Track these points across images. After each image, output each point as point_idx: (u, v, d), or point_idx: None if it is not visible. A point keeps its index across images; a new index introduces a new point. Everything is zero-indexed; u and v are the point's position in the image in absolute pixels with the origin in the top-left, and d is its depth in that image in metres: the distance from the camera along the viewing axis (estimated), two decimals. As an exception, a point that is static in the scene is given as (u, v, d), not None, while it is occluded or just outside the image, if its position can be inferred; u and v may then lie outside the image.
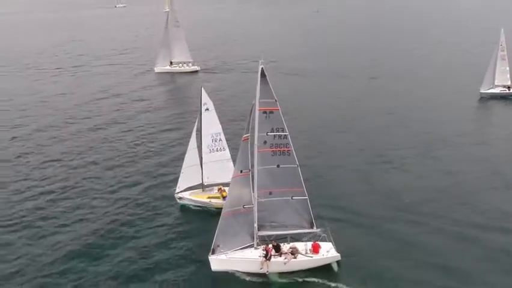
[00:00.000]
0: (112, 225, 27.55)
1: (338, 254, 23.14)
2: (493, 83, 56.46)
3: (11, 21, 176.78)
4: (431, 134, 43.89)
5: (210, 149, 29.44)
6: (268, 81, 21.81)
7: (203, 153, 29.41)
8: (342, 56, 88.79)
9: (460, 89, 60.42)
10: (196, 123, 29.05)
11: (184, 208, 29.63)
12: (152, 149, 40.66)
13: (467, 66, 74.54)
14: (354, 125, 47.25)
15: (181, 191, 29.92)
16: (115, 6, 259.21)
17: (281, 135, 22.58)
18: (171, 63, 75.03)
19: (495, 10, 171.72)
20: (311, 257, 22.82)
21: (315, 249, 23.05)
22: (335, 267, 23.12)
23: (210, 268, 22.86)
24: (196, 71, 74.56)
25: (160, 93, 64.13)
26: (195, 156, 29.43)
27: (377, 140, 42.59)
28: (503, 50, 55.60)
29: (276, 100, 22.13)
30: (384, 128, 46.21)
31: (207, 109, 28.39)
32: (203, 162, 29.57)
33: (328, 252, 23.22)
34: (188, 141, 29.81)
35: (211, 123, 28.75)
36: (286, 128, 22.54)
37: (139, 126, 47.39)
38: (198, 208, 29.44)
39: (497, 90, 56.54)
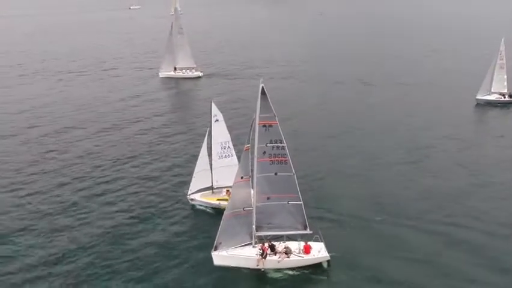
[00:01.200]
0: (128, 221, 30.74)
1: (327, 255, 25.59)
2: (490, 90, 58.49)
3: (23, 24, 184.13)
4: (423, 139, 46.26)
5: (219, 156, 32.27)
6: (268, 98, 24.42)
7: (213, 160, 32.21)
8: (342, 61, 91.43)
9: (456, 94, 62.76)
10: (207, 132, 31.89)
11: (195, 208, 32.50)
12: (162, 152, 43.58)
13: (465, 72, 76.45)
14: (350, 130, 49.68)
15: (192, 193, 32.81)
16: (129, 8, 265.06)
17: (279, 146, 25.13)
18: (175, 68, 78.36)
19: (495, 17, 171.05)
20: (302, 257, 25.36)
21: (307, 250, 25.59)
22: (325, 265, 25.58)
23: (213, 262, 25.69)
24: (199, 77, 77.79)
25: (165, 97, 67.51)
26: (205, 162, 32.27)
27: (371, 144, 44.88)
28: (502, 59, 57.73)
29: (275, 115, 24.69)
30: (378, 132, 48.59)
31: (217, 120, 31.21)
32: (213, 167, 32.38)
33: (319, 252, 25.70)
34: (195, 145, 32.76)
35: (220, 133, 31.56)
36: (284, 139, 25.13)
37: (149, 129, 50.52)
38: (207, 209, 32.18)
39: (493, 97, 58.59)
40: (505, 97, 58.68)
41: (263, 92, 24.27)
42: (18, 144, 46.30)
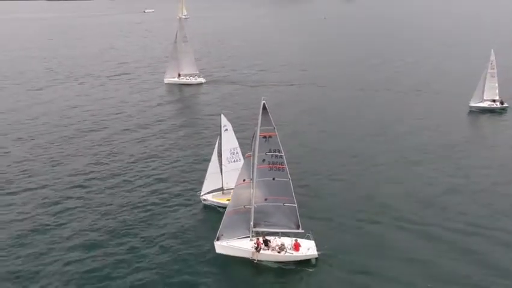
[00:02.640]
0: (146, 217, 35.18)
1: (315, 253, 29.09)
2: (482, 98, 62.30)
3: (41, 27, 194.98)
4: (417, 143, 49.88)
5: (229, 161, 36.25)
6: (269, 113, 28.33)
7: (223, 164, 36.18)
8: (341, 66, 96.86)
9: (451, 101, 66.88)
10: (217, 139, 35.96)
11: (206, 207, 36.57)
12: (175, 155, 47.82)
13: (459, 80, 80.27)
14: (346, 134, 53.60)
15: (204, 194, 36.93)
16: (144, 11, 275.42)
17: (277, 155, 28.96)
18: (179, 75, 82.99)
19: (486, 28, 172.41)
20: (292, 253, 29.02)
21: (296, 248, 29.22)
22: (313, 261, 29.08)
23: (215, 251, 29.81)
24: (201, 83, 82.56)
25: (171, 102, 72.16)
26: (216, 166, 36.26)
27: (366, 149, 48.51)
28: (493, 68, 61.54)
29: (274, 127, 28.62)
30: (373, 137, 52.25)
31: (226, 129, 35.22)
32: (223, 170, 36.35)
33: (308, 249, 29.28)
34: (204, 149, 36.84)
35: (229, 140, 35.50)
36: (282, 149, 29.00)
37: (156, 134, 54.98)
38: (217, 207, 35.98)
39: (485, 104, 62.35)
40: (496, 104, 62.63)
41: (264, 108, 28.17)
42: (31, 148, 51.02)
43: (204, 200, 36.90)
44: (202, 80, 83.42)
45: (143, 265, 29.07)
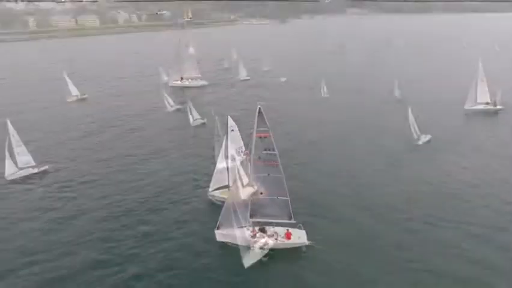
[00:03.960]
0: (160, 210, 39.17)
1: (306, 241, 32.37)
2: (476, 101, 66.32)
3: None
4: (415, 144, 52.16)
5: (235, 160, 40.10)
6: (264, 116, 31.91)
7: (229, 163, 40.02)
8: (338, 74, 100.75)
9: (447, 105, 70.40)
10: (223, 140, 39.70)
11: (213, 202, 40.05)
12: (185, 154, 51.65)
13: (453, 86, 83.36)
14: (343, 134, 56.79)
15: (213, 190, 40.66)
16: (156, 13, 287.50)
17: (272, 153, 32.47)
18: (181, 78, 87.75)
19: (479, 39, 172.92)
20: (284, 241, 32.43)
21: (288, 236, 32.61)
22: (304, 248, 32.35)
23: (216, 238, 33.47)
24: (203, 85, 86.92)
25: (176, 104, 75.54)
26: (223, 165, 40.06)
27: (362, 149, 51.39)
28: (482, 76, 65.24)
29: (269, 129, 32.17)
30: (370, 139, 55.03)
31: (232, 130, 38.86)
32: (229, 169, 40.17)
33: (299, 238, 32.64)
34: (210, 148, 41.77)
35: (235, 141, 39.11)
36: (275, 148, 32.49)
37: (163, 134, 59.36)
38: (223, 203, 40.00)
39: (480, 107, 66.24)
40: (490, 106, 66.09)
41: (260, 112, 31.77)
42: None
43: (212, 196, 40.47)
44: (204, 82, 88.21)
45: (154, 250, 33.09)
